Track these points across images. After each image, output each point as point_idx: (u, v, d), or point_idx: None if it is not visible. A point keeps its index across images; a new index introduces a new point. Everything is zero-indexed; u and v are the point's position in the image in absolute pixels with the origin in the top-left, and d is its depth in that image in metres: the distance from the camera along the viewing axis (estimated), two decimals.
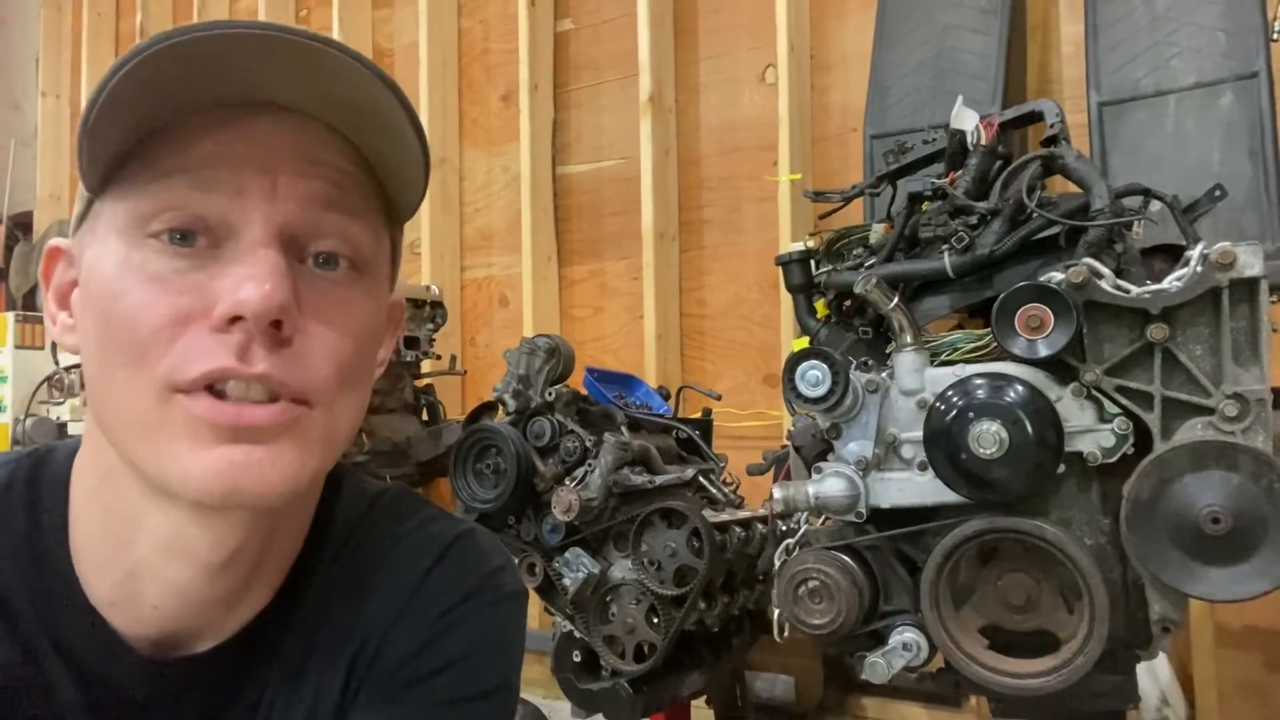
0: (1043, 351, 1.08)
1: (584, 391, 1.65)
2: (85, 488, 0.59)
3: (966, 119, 1.30)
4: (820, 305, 1.38)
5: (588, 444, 1.53)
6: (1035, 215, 1.18)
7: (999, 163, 1.29)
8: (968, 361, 1.17)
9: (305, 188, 0.54)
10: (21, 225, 3.73)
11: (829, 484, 1.20)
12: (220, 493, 0.52)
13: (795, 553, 1.23)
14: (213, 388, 0.52)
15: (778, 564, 1.24)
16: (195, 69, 0.50)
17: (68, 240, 0.59)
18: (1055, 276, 1.09)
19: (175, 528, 0.56)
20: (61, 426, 2.41)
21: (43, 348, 2.66)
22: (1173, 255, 1.16)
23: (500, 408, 1.64)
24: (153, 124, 0.53)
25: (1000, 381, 1.10)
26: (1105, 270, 1.08)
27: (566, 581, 1.49)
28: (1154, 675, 1.66)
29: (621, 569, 1.51)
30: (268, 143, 0.53)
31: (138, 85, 0.50)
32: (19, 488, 0.60)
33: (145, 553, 0.57)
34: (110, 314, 0.53)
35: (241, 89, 0.52)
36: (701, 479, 1.62)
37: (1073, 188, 1.25)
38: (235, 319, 0.51)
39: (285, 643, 0.62)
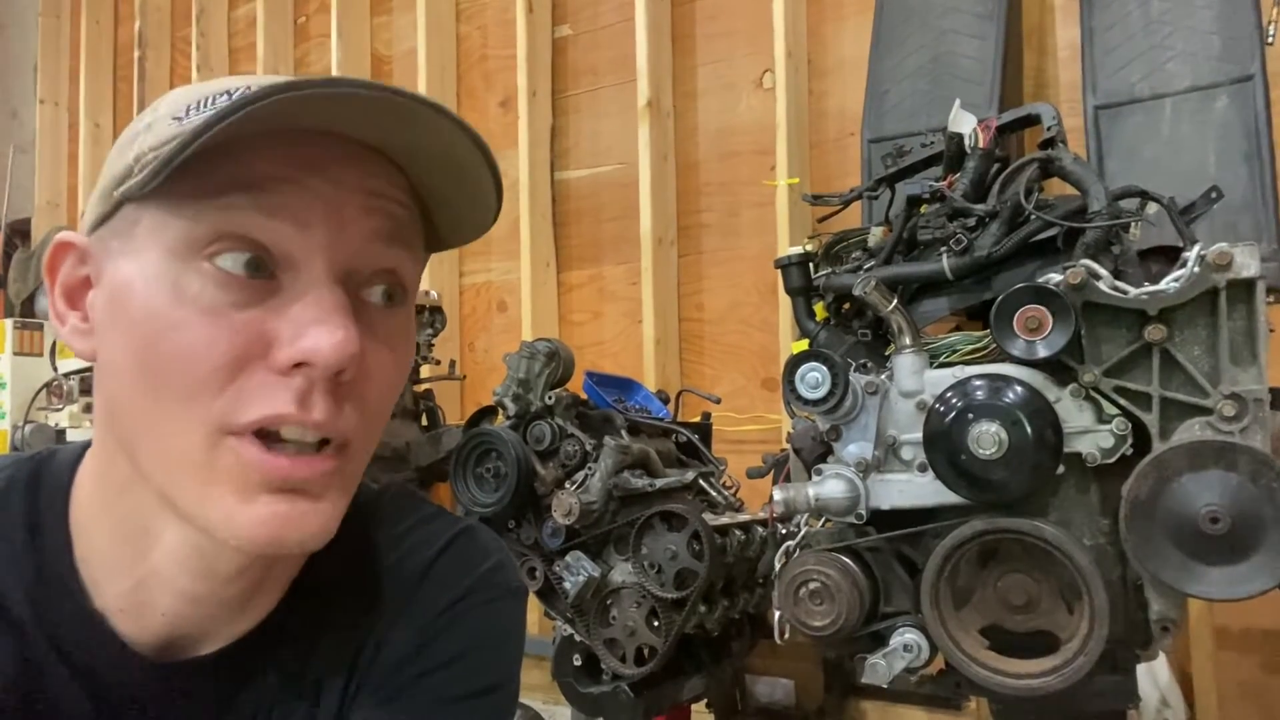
0: (1041, 353, 1.09)
1: (583, 396, 1.65)
2: (95, 497, 0.58)
3: (964, 122, 1.31)
4: (819, 308, 1.38)
5: (588, 448, 1.53)
6: (1033, 217, 1.18)
7: (996, 165, 1.30)
8: (967, 363, 1.17)
9: (370, 224, 0.53)
10: (20, 232, 3.73)
11: (829, 486, 1.20)
12: (264, 544, 0.51)
13: (795, 555, 1.24)
14: (263, 431, 0.50)
15: (778, 566, 1.24)
16: (277, 110, 0.48)
17: (79, 236, 0.56)
18: (1053, 278, 1.10)
19: (192, 544, 0.55)
20: (60, 433, 2.41)
21: (41, 354, 2.66)
22: (1170, 257, 1.16)
23: (500, 412, 1.64)
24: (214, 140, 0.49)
25: (999, 383, 1.11)
26: (1103, 272, 1.08)
27: (567, 585, 1.49)
28: (1154, 677, 1.67)
29: (622, 572, 1.51)
30: (335, 174, 0.51)
31: (255, 115, 0.47)
32: (19, 492, 0.59)
33: (159, 565, 0.56)
34: (159, 345, 0.50)
35: (307, 120, 0.50)
36: (701, 482, 1.62)
37: (1070, 190, 1.25)
38: (299, 364, 0.49)
39: (288, 644, 0.62)
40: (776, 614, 1.23)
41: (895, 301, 1.19)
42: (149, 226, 0.51)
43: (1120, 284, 1.08)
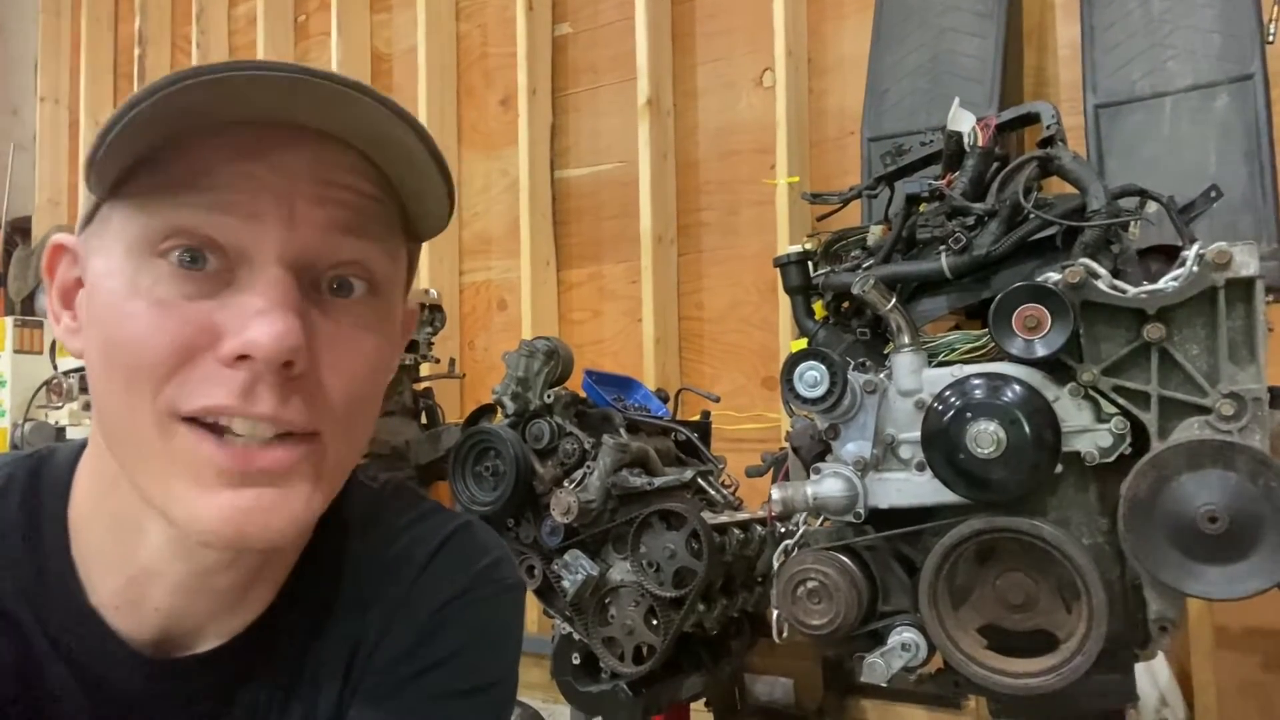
0: (1040, 351, 1.08)
1: (583, 394, 1.65)
2: (90, 492, 0.59)
3: (963, 121, 1.31)
4: (818, 307, 1.38)
5: (586, 446, 1.53)
6: (1032, 216, 1.18)
7: (996, 164, 1.30)
8: (965, 362, 1.17)
9: (323, 214, 0.52)
10: (20, 230, 3.72)
11: (827, 485, 1.20)
12: (226, 538, 0.51)
13: (794, 553, 1.23)
14: (216, 423, 0.51)
15: (776, 565, 1.24)
16: (217, 97, 0.48)
17: (73, 237, 0.57)
18: (1052, 277, 1.10)
19: (178, 538, 0.56)
20: (60, 431, 2.41)
21: (41, 352, 2.66)
22: (1169, 256, 1.16)
23: (499, 410, 1.64)
24: (166, 139, 0.50)
25: (998, 382, 1.11)
26: (1102, 271, 1.08)
27: (565, 584, 1.49)
28: (1153, 676, 1.66)
29: (620, 571, 1.51)
30: (285, 165, 0.51)
31: (154, 108, 0.48)
32: (18, 490, 0.60)
33: (149, 560, 0.57)
34: (114, 335, 0.51)
35: (260, 112, 0.51)
36: (700, 481, 1.62)
37: (1069, 189, 1.25)
38: (243, 356, 0.50)
39: (285, 640, 0.62)
40: (775, 613, 1.23)
41: (894, 300, 1.19)
42: (117, 225, 0.52)
43: (1119, 283, 1.08)
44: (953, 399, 1.12)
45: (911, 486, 1.17)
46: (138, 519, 0.56)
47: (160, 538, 0.56)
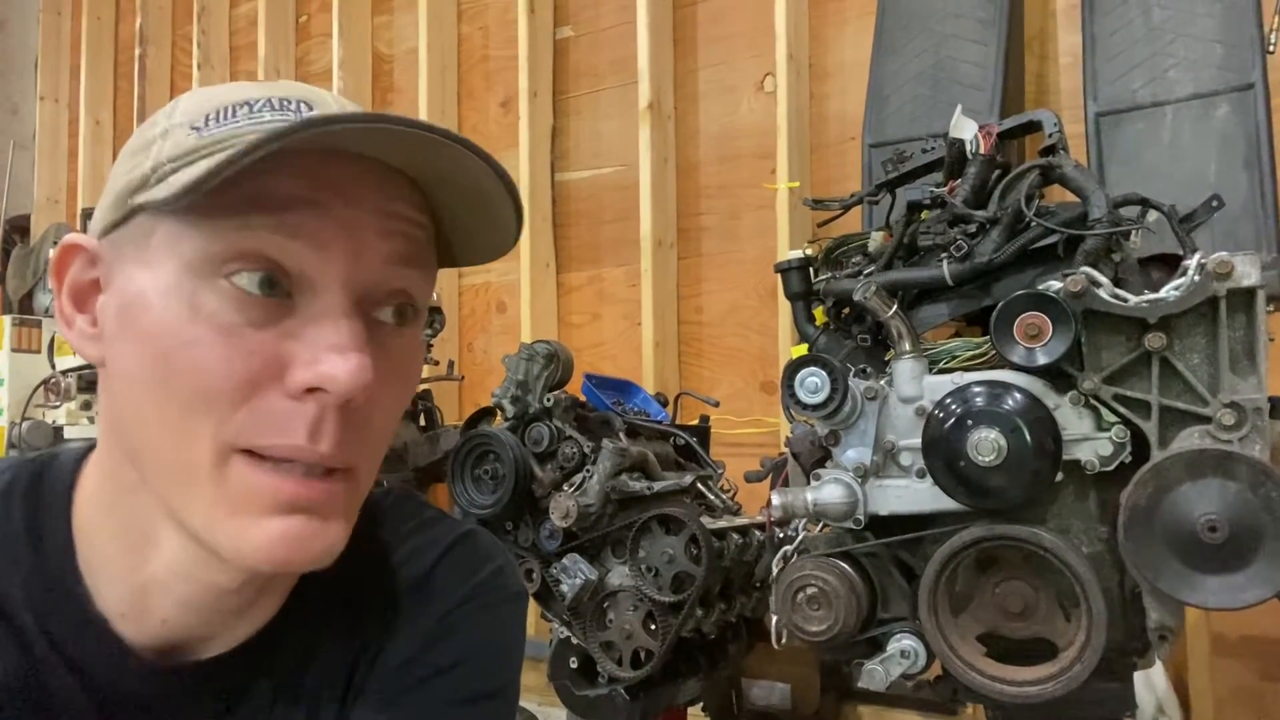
0: (1041, 360, 1.09)
1: (582, 398, 1.65)
2: (99, 501, 0.58)
3: (965, 128, 1.31)
4: (819, 313, 1.38)
5: (586, 450, 1.53)
6: (1033, 224, 1.18)
7: (997, 172, 1.30)
8: (966, 369, 1.17)
9: (388, 247, 0.52)
10: (19, 229, 3.72)
11: (827, 491, 1.20)
12: (276, 563, 0.52)
13: (793, 560, 1.23)
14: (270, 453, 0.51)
15: (775, 571, 1.24)
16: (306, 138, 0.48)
17: (90, 239, 0.56)
18: (1053, 285, 1.10)
19: (192, 554, 0.55)
20: (58, 430, 2.40)
21: (39, 351, 2.65)
22: (1170, 265, 1.16)
23: (498, 413, 1.64)
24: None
25: (998, 389, 1.11)
26: (1103, 279, 1.08)
27: (564, 588, 1.49)
28: (1150, 684, 1.66)
29: (619, 575, 1.51)
30: (355, 196, 0.51)
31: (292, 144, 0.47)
32: (21, 494, 0.59)
33: (159, 572, 0.57)
34: (173, 360, 0.50)
35: (338, 143, 0.50)
36: (699, 485, 1.62)
37: (1071, 197, 1.25)
38: (313, 389, 0.50)
39: (289, 648, 0.62)
40: (774, 619, 1.23)
41: (895, 307, 1.19)
42: (164, 238, 0.51)
43: (1120, 292, 1.08)
44: (953, 406, 1.12)
45: (911, 493, 1.17)
46: (150, 532, 0.56)
47: (173, 553, 0.56)
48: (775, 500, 1.22)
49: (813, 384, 1.18)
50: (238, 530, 0.51)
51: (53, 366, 2.49)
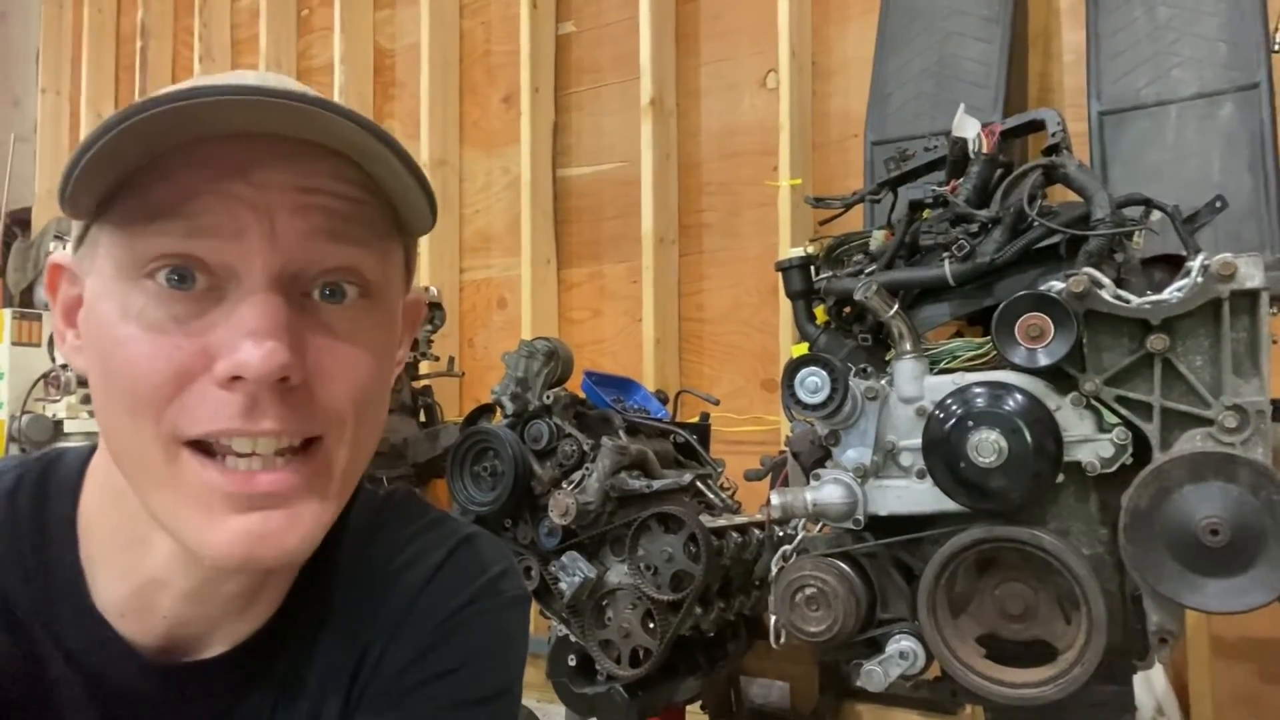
0: (1042, 360, 1.08)
1: (582, 395, 1.64)
2: (99, 501, 0.59)
3: (968, 127, 1.30)
4: (820, 311, 1.37)
5: (585, 448, 1.53)
6: (1036, 224, 1.18)
7: (1000, 171, 1.29)
8: (967, 370, 1.16)
9: (305, 223, 0.52)
10: (20, 221, 3.72)
11: (827, 491, 1.19)
12: (238, 561, 0.52)
13: (792, 559, 1.23)
14: (218, 444, 0.51)
15: (774, 570, 1.24)
16: (187, 120, 0.48)
17: (69, 256, 0.57)
18: (1056, 286, 1.09)
19: (182, 550, 0.56)
20: (58, 424, 2.40)
21: (39, 344, 2.65)
22: (1173, 265, 1.16)
23: (498, 410, 1.64)
24: (139, 163, 0.50)
25: (999, 390, 1.10)
26: (1106, 280, 1.08)
27: (563, 585, 1.49)
28: (1150, 686, 1.66)
29: (618, 573, 1.50)
30: (264, 179, 0.51)
31: (120, 138, 0.47)
32: (26, 493, 0.60)
33: (157, 570, 0.57)
34: (110, 360, 0.51)
35: (236, 126, 0.50)
36: (699, 484, 1.61)
37: (1073, 197, 1.24)
38: (236, 377, 0.50)
39: (290, 647, 0.63)
40: (773, 619, 1.22)
41: (896, 306, 1.18)
42: (104, 247, 0.52)
43: (1123, 293, 1.07)
44: (954, 407, 1.11)
45: (911, 494, 1.17)
46: (144, 532, 0.56)
47: (167, 551, 0.56)
48: (775, 499, 1.21)
49: (813, 383, 1.18)
50: (199, 529, 0.51)
51: (53, 360, 2.49)
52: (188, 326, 0.50)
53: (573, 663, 1.55)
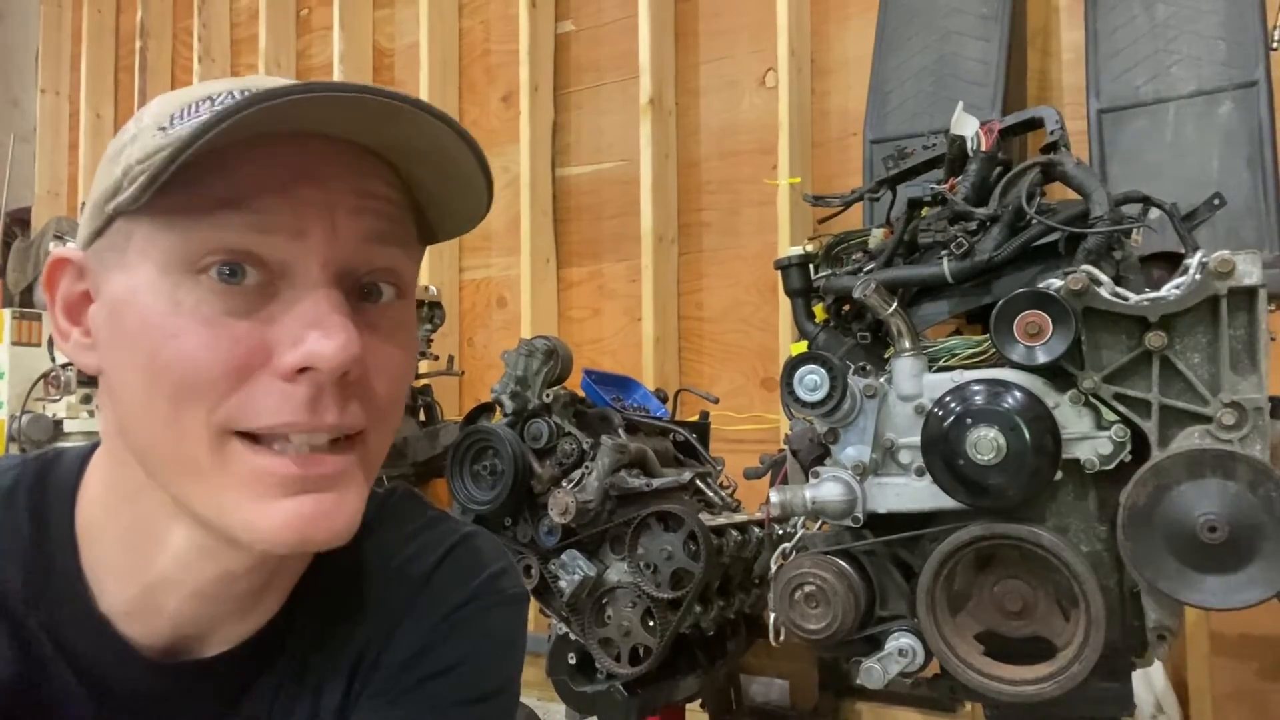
0: (1041, 358, 1.08)
1: (582, 394, 1.65)
2: (104, 503, 0.59)
3: (967, 125, 1.30)
4: (819, 309, 1.38)
5: (585, 446, 1.53)
6: (1034, 222, 1.18)
7: (998, 169, 1.29)
8: (966, 367, 1.17)
9: (362, 225, 0.53)
10: (20, 221, 3.72)
11: (826, 488, 1.20)
12: (290, 544, 0.52)
13: (791, 557, 1.23)
14: (267, 434, 0.51)
15: (774, 568, 1.24)
16: (270, 115, 0.48)
17: (75, 251, 0.56)
18: (1054, 283, 1.09)
19: (199, 545, 0.56)
20: (58, 424, 2.40)
21: (39, 344, 2.65)
22: (1171, 263, 1.16)
23: (498, 409, 1.64)
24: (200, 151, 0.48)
25: (998, 388, 1.10)
26: (1104, 277, 1.08)
27: (562, 584, 1.49)
28: (1149, 683, 1.66)
29: (617, 572, 1.51)
30: (324, 178, 0.52)
31: (230, 130, 0.47)
32: (24, 493, 0.60)
33: (168, 567, 0.57)
34: (161, 354, 0.50)
35: (303, 126, 0.51)
36: (698, 482, 1.62)
37: (1072, 194, 1.25)
38: (304, 369, 0.50)
39: (290, 646, 0.63)
40: (772, 616, 1.23)
41: (895, 304, 1.19)
42: (141, 241, 0.51)
43: (1121, 290, 1.07)
44: (953, 404, 1.12)
45: (910, 491, 1.17)
46: (158, 529, 0.56)
47: (184, 545, 0.56)
48: (774, 497, 1.21)
49: (812, 381, 1.18)
50: (250, 516, 0.51)
51: (53, 360, 2.49)
52: (245, 322, 0.50)
53: (573, 661, 1.55)
